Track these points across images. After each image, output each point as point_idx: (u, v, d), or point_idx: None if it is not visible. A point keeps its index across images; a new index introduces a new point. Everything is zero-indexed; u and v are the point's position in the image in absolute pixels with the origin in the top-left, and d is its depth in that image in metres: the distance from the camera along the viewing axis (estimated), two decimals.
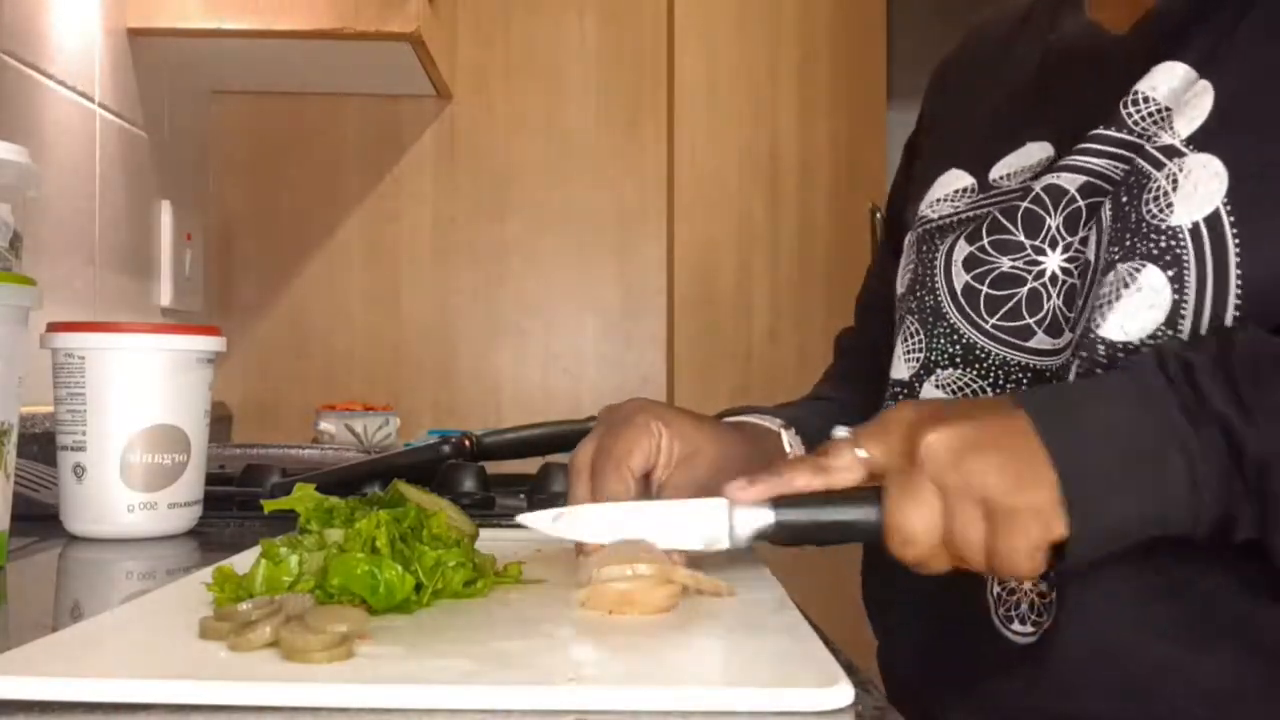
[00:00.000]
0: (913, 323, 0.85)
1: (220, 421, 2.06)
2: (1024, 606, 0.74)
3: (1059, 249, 0.77)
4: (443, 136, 2.23)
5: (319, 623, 0.54)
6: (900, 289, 0.89)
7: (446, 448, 1.18)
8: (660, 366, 2.25)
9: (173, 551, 0.92)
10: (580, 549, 0.72)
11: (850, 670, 0.51)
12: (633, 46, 2.25)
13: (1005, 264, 0.79)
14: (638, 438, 0.77)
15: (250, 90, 2.16)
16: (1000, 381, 0.79)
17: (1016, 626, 0.75)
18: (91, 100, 1.58)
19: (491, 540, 0.77)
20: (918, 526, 0.61)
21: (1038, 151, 0.82)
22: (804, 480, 0.65)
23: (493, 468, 1.17)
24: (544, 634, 0.58)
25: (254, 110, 2.18)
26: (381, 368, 2.20)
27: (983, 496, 0.60)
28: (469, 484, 1.10)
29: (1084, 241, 0.76)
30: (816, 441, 0.88)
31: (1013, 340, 0.79)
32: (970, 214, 0.84)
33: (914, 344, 0.85)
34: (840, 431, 0.66)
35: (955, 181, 0.87)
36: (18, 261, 0.83)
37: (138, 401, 0.94)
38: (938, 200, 0.88)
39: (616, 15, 2.25)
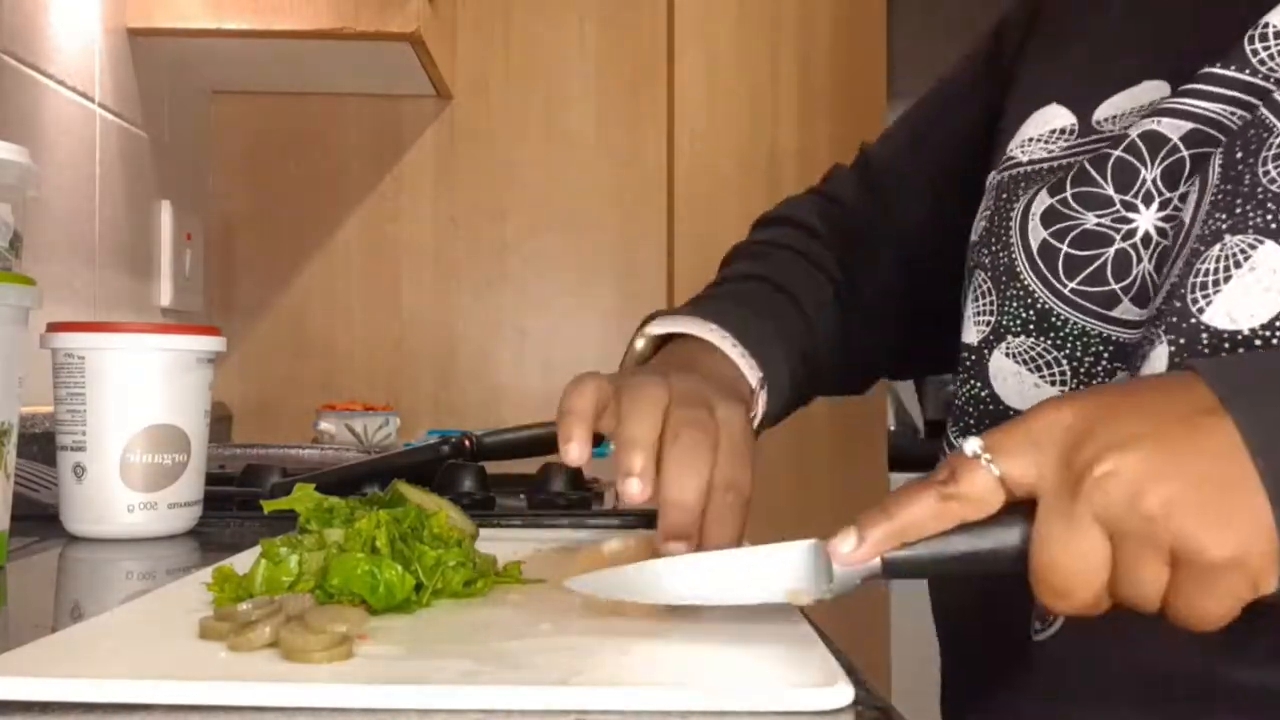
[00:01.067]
0: (984, 280, 0.75)
1: (220, 421, 2.07)
2: None
3: (1154, 206, 0.66)
4: (443, 136, 2.23)
5: (319, 623, 0.54)
6: (974, 236, 0.78)
7: (446, 448, 1.18)
8: None
9: (173, 551, 0.92)
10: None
11: (849, 671, 0.51)
12: (633, 46, 2.25)
13: (1090, 220, 0.69)
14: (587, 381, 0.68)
15: (250, 90, 2.16)
16: (1078, 354, 0.70)
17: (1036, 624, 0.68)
18: (91, 100, 1.58)
19: (492, 540, 0.77)
20: (1075, 579, 0.49)
21: (1151, 91, 0.71)
22: (928, 520, 0.51)
23: (493, 468, 1.17)
24: (544, 634, 0.58)
25: (254, 110, 2.18)
26: (381, 368, 2.20)
27: (1172, 546, 0.47)
28: (469, 484, 1.10)
29: (1184, 198, 0.65)
30: (769, 348, 0.78)
31: (1094, 308, 0.69)
32: (1064, 160, 0.74)
33: (985, 305, 0.75)
34: (971, 445, 0.51)
35: (1053, 120, 0.76)
36: (18, 261, 0.83)
37: (138, 401, 0.94)
38: (1029, 140, 0.76)
39: (616, 15, 2.25)
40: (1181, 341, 0.61)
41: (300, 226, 2.20)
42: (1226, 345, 0.59)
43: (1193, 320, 0.60)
